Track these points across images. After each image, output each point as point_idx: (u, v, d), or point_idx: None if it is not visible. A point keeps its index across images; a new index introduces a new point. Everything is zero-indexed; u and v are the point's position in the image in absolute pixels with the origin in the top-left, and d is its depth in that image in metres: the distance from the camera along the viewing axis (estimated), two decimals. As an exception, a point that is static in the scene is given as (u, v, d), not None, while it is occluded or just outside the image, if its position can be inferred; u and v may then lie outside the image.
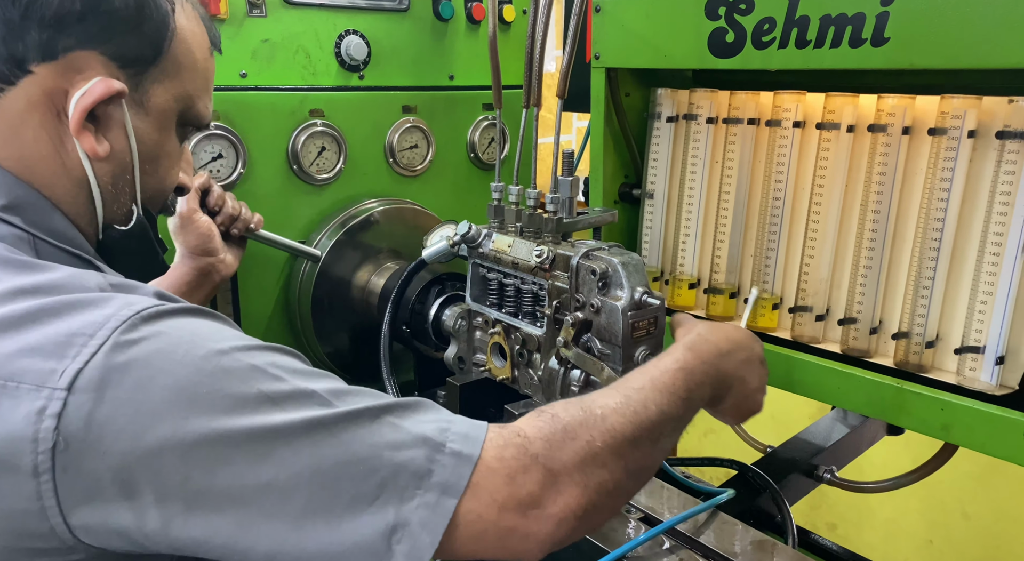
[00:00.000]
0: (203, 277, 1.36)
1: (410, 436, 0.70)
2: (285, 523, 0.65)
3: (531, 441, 0.73)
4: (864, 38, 1.02)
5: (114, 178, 0.83)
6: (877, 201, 1.11)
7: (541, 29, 1.12)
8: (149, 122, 0.83)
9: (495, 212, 1.24)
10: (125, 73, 0.79)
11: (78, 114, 0.76)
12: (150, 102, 0.83)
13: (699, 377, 0.90)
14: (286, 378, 0.70)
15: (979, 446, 1.01)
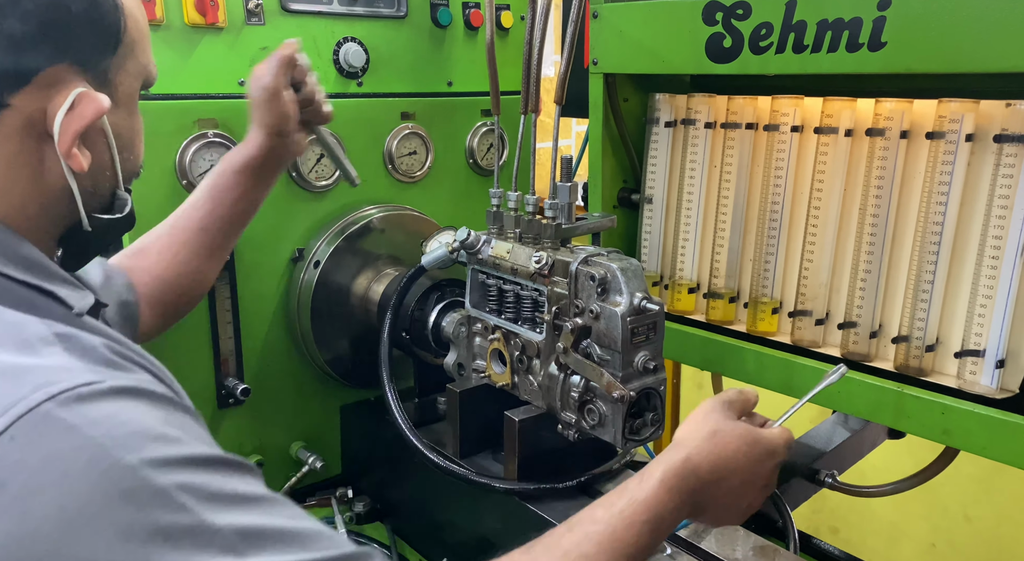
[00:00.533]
0: (274, 156, 1.25)
1: None
2: None
3: None
4: (861, 43, 1.02)
5: (94, 179, 0.79)
6: (876, 205, 1.11)
7: (539, 35, 1.12)
8: (120, 112, 0.79)
9: (494, 218, 1.24)
10: (92, 73, 0.75)
11: (68, 138, 0.72)
12: (118, 91, 0.78)
13: (669, 521, 0.83)
14: (193, 509, 0.60)
15: (980, 450, 1.00)
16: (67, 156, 0.73)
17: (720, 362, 1.29)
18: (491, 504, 1.26)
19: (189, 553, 0.59)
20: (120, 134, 0.80)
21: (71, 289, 0.77)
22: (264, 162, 1.25)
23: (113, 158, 0.80)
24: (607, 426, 1.04)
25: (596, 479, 1.22)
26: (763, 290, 1.25)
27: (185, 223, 1.25)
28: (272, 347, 1.59)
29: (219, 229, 1.26)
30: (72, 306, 0.75)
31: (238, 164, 1.24)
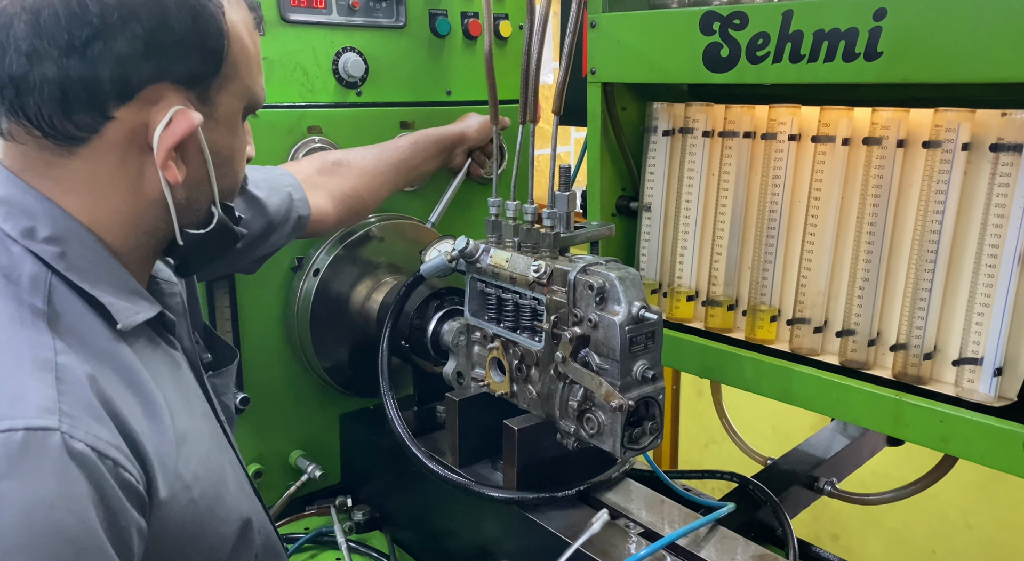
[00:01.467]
0: (453, 147, 1.64)
1: None
2: None
3: None
4: (857, 53, 1.02)
5: (189, 192, 0.83)
6: (873, 213, 1.11)
7: (537, 45, 1.13)
8: (220, 131, 0.83)
9: (493, 227, 1.24)
10: (194, 92, 0.79)
11: (163, 151, 0.77)
12: (219, 111, 0.82)
13: None
14: None
15: (978, 458, 1.00)
16: (163, 167, 0.78)
17: (719, 370, 1.30)
18: (490, 513, 1.26)
19: None
20: (218, 152, 0.84)
21: (130, 302, 0.82)
22: (448, 146, 1.61)
23: (209, 174, 0.84)
24: (606, 435, 1.04)
25: (595, 488, 1.22)
26: (761, 298, 1.25)
27: (389, 157, 1.52)
28: (271, 356, 1.59)
29: (406, 174, 1.56)
30: (117, 320, 0.78)
31: (435, 136, 1.59)
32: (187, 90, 0.79)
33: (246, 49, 0.84)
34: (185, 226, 0.86)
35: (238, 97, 0.84)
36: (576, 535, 1.11)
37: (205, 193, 0.85)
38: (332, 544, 1.49)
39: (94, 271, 0.79)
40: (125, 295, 0.82)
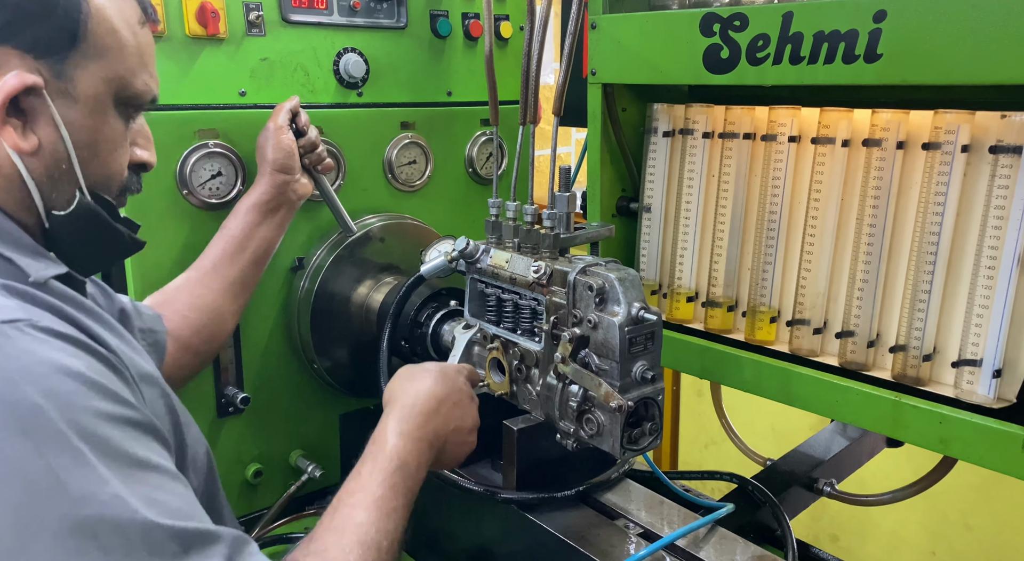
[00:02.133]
0: (280, 195, 1.40)
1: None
2: None
3: None
4: (857, 54, 1.03)
5: (48, 169, 0.82)
6: (873, 215, 1.12)
7: (537, 47, 1.13)
8: (79, 109, 0.82)
9: (493, 228, 1.24)
10: (44, 63, 0.79)
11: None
12: (77, 89, 0.81)
13: (415, 463, 0.93)
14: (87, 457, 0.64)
15: (977, 459, 1.01)
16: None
17: (718, 371, 1.30)
18: (490, 513, 1.26)
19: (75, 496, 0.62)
20: (76, 130, 0.82)
21: (35, 260, 0.81)
22: (271, 200, 1.39)
23: (68, 152, 0.82)
24: (605, 436, 1.04)
25: (595, 488, 1.22)
26: (761, 299, 1.26)
27: (204, 264, 1.35)
28: (272, 356, 1.60)
29: (234, 269, 1.36)
30: (28, 274, 0.79)
31: (248, 203, 1.38)
32: (36, 60, 0.78)
33: (118, 37, 0.84)
34: (51, 207, 0.85)
35: (103, 81, 0.83)
36: (575, 536, 1.11)
37: (69, 175, 0.84)
38: (332, 544, 1.49)
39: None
40: (29, 253, 0.82)
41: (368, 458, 0.92)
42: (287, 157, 1.38)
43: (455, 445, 1.05)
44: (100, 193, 0.89)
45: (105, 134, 0.86)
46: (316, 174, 1.48)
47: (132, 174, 0.94)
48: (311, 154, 1.44)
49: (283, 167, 1.38)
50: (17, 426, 0.63)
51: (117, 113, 0.87)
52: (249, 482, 1.58)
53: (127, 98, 0.87)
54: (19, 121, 0.79)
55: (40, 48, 0.78)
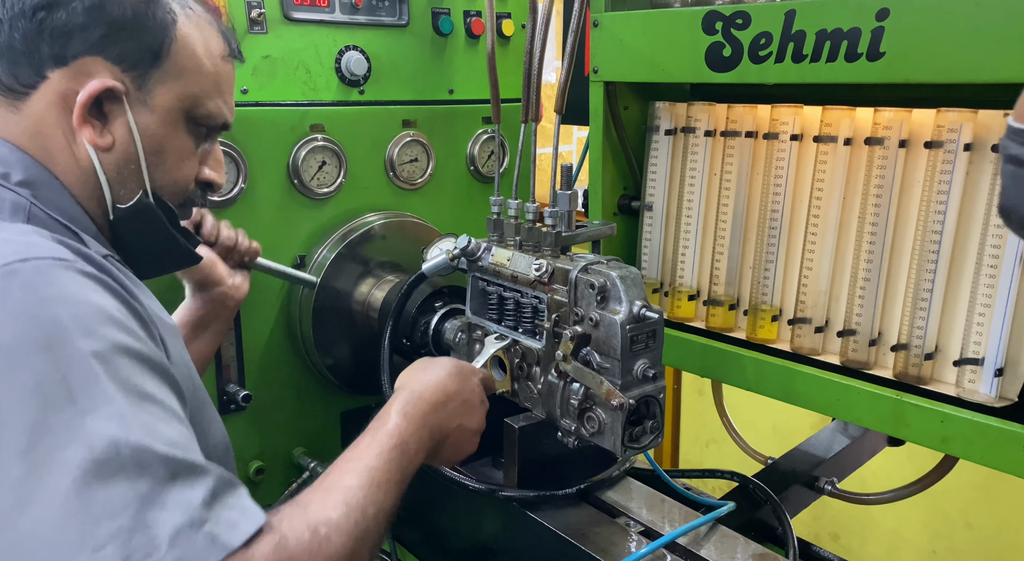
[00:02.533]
0: (216, 308, 1.35)
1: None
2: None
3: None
4: (860, 53, 1.03)
5: (119, 166, 0.92)
6: (875, 213, 1.11)
7: (539, 45, 1.13)
8: (153, 118, 0.92)
9: (494, 226, 1.24)
10: (129, 75, 0.90)
11: (79, 108, 0.87)
12: (154, 101, 0.92)
13: (414, 446, 0.94)
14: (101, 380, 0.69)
15: (978, 458, 1.01)
16: (79, 124, 0.87)
17: (720, 369, 1.30)
18: (491, 511, 1.26)
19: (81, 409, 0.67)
20: (148, 136, 0.93)
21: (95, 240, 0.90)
22: (204, 317, 1.34)
23: (138, 154, 0.92)
24: (606, 434, 1.04)
25: (596, 486, 1.22)
26: (763, 297, 1.25)
27: None
28: (273, 353, 1.60)
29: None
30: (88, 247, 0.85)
31: (177, 321, 1.31)
32: (122, 72, 0.89)
33: (199, 63, 0.95)
34: (117, 202, 0.94)
35: (178, 97, 0.94)
36: (576, 534, 1.11)
37: (136, 175, 0.93)
38: (333, 541, 1.49)
39: (64, 211, 0.89)
40: (92, 235, 0.91)
41: (368, 432, 0.93)
42: (207, 273, 1.32)
43: (456, 443, 1.05)
44: (163, 198, 0.97)
45: (174, 145, 0.96)
46: (252, 265, 1.42)
47: (198, 189, 1.03)
48: (234, 254, 1.37)
49: (209, 282, 1.33)
50: (43, 340, 0.69)
51: (187, 130, 0.97)
52: (251, 479, 1.58)
53: (198, 117, 0.97)
54: (99, 122, 0.89)
55: (127, 62, 0.89)
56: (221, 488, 0.70)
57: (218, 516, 0.68)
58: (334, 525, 0.76)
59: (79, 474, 0.65)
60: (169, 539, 0.64)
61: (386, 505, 0.84)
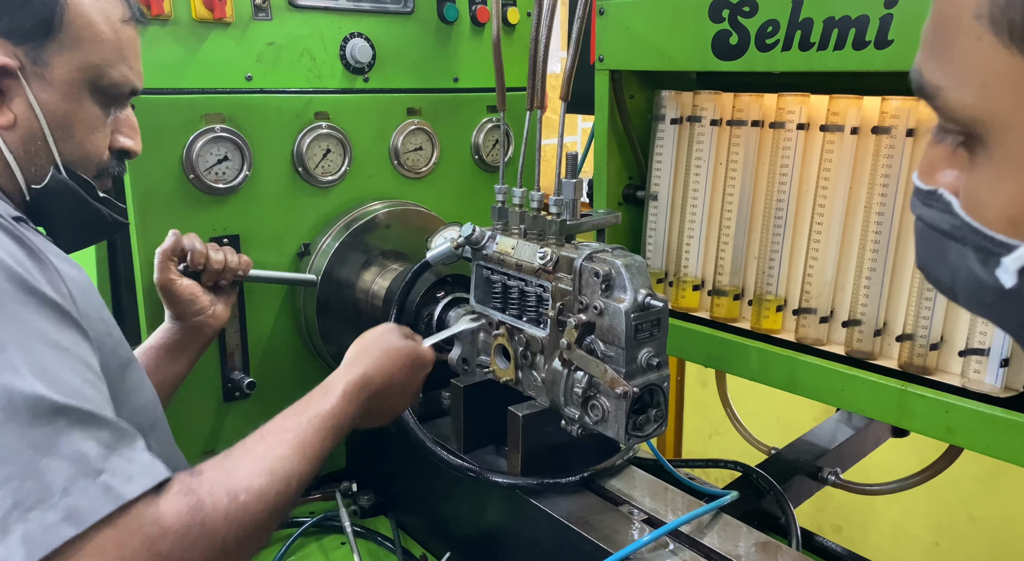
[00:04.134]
0: (193, 334, 1.33)
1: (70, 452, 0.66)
2: None
3: (164, 535, 0.68)
4: (868, 40, 1.02)
5: (25, 144, 0.91)
6: (881, 203, 1.11)
7: (544, 32, 1.12)
8: (54, 93, 0.91)
9: (499, 214, 1.24)
10: (22, 49, 0.88)
11: None
12: (52, 74, 0.91)
13: (347, 426, 0.97)
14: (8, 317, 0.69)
15: (983, 448, 1.00)
16: None
17: (724, 359, 1.30)
18: (494, 499, 1.26)
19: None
20: (53, 112, 0.92)
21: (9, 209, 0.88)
22: (177, 341, 1.32)
23: (43, 130, 0.91)
24: (610, 422, 1.04)
25: (599, 475, 1.22)
26: (767, 287, 1.25)
27: None
28: (278, 341, 1.60)
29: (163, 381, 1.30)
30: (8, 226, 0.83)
31: (154, 343, 1.31)
32: (14, 46, 0.88)
33: (96, 31, 0.93)
34: (31, 182, 0.94)
35: (79, 69, 0.92)
36: (579, 521, 1.11)
37: (44, 151, 0.93)
38: (337, 529, 1.50)
39: None
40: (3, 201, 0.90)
41: (311, 404, 0.94)
42: (189, 305, 1.30)
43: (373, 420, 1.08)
44: (77, 171, 0.97)
45: (80, 117, 0.94)
46: (246, 279, 1.41)
47: (113, 158, 1.01)
48: (225, 274, 1.35)
49: (190, 314, 1.31)
50: None
51: (94, 100, 0.95)
52: (254, 467, 1.59)
53: (103, 87, 0.95)
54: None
55: (17, 35, 0.88)
56: (119, 440, 0.70)
57: (115, 467, 0.67)
58: (256, 493, 0.76)
59: None
60: (62, 487, 0.64)
61: (308, 477, 0.86)
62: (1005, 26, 0.43)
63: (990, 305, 0.50)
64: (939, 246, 0.53)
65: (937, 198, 0.52)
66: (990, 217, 0.48)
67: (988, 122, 0.46)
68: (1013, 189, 0.46)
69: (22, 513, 0.62)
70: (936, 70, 0.50)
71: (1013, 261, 0.46)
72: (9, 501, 0.63)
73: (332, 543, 1.50)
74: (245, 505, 0.74)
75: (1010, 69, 0.44)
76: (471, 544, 1.36)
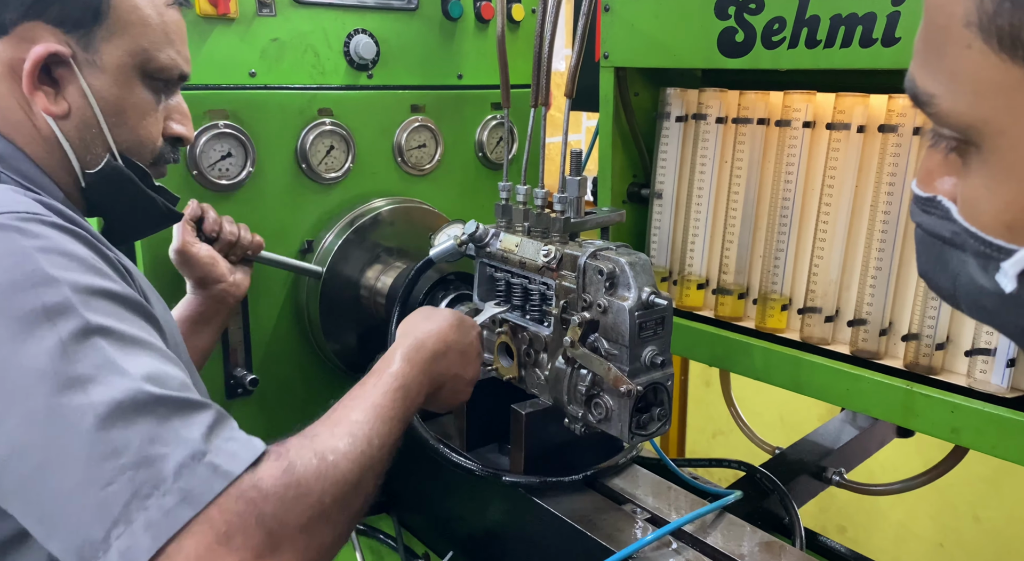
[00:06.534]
0: (216, 304, 1.35)
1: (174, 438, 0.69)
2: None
3: (265, 498, 0.70)
4: (875, 38, 1.01)
5: (80, 132, 0.92)
6: (887, 202, 1.10)
7: (550, 28, 1.12)
8: (106, 79, 0.92)
9: (503, 211, 1.23)
10: (72, 37, 0.89)
11: (27, 77, 0.87)
12: (102, 60, 0.91)
13: (416, 390, 0.96)
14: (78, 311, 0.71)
15: (989, 449, 1.00)
16: (30, 93, 0.88)
17: (728, 358, 1.29)
18: (497, 497, 1.26)
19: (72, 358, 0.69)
20: (105, 99, 0.93)
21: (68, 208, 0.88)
22: (204, 312, 1.35)
23: (97, 117, 0.92)
24: (614, 420, 1.04)
25: (602, 473, 1.22)
26: (772, 286, 1.25)
27: None
28: (281, 338, 1.60)
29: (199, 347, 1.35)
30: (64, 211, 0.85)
31: (178, 316, 1.33)
32: (65, 34, 0.88)
33: (143, 15, 0.94)
34: (86, 168, 0.94)
35: (128, 53, 0.93)
36: (582, 520, 1.11)
37: (99, 138, 0.93)
38: (339, 526, 1.49)
39: (33, 181, 0.89)
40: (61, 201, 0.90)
41: (373, 374, 0.95)
42: (209, 270, 1.33)
43: (452, 390, 1.08)
44: (132, 159, 0.97)
45: (132, 102, 0.95)
46: (256, 259, 1.43)
47: (167, 145, 1.02)
48: (236, 249, 1.37)
49: (210, 280, 1.33)
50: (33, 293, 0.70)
51: (144, 85, 0.96)
52: (257, 464, 1.59)
53: (152, 71, 0.96)
54: (51, 89, 0.89)
55: (68, 23, 0.88)
56: (217, 422, 0.73)
57: (218, 448, 0.70)
58: (341, 453, 0.78)
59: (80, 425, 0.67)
60: (173, 472, 0.67)
61: (389, 439, 0.86)
62: (994, 33, 0.44)
63: (992, 311, 0.50)
64: (939, 253, 0.53)
65: (936, 205, 0.52)
66: (988, 222, 0.48)
67: (982, 128, 0.47)
68: (1009, 194, 0.46)
69: (141, 501, 0.65)
70: (929, 78, 0.50)
71: (1012, 265, 0.46)
72: (128, 492, 0.66)
73: (334, 540, 1.50)
74: (334, 464, 0.77)
75: (1001, 76, 0.44)
76: (473, 542, 1.36)
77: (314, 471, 0.75)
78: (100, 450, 0.66)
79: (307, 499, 0.73)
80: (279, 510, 0.70)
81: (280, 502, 0.71)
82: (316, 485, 0.74)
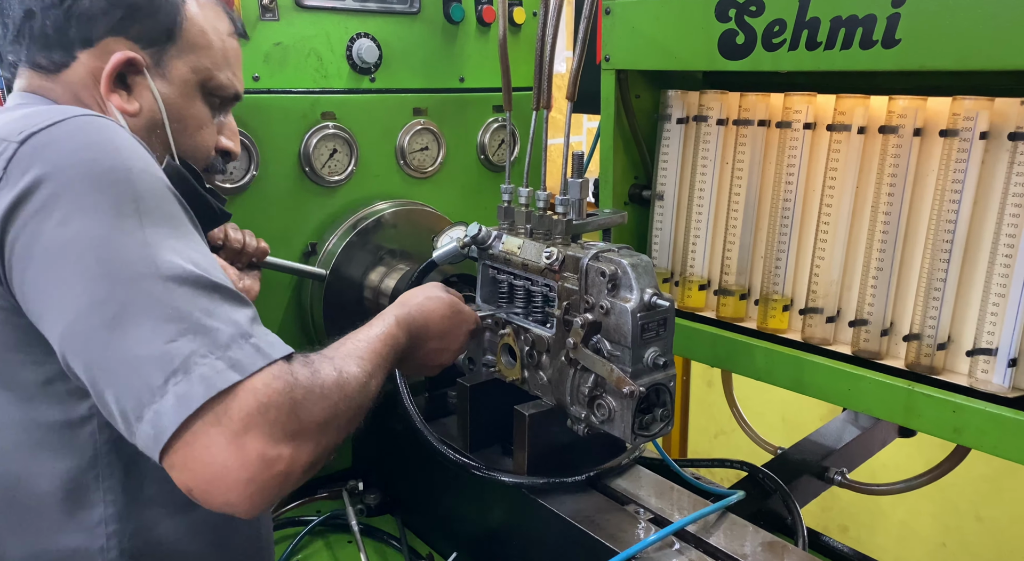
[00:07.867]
0: None
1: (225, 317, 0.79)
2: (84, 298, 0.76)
3: (297, 385, 0.79)
4: (875, 40, 1.02)
5: (147, 131, 1.03)
6: (888, 202, 1.11)
7: (551, 32, 1.13)
8: (172, 89, 1.04)
9: (505, 214, 1.24)
10: (148, 51, 1.01)
11: (105, 78, 0.98)
12: (171, 73, 1.04)
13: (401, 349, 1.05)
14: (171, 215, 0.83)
15: (991, 448, 1.00)
16: (107, 93, 0.99)
17: (730, 359, 1.30)
18: (500, 498, 1.26)
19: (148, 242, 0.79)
20: (169, 104, 1.04)
21: None
22: None
23: (163, 120, 1.03)
24: (616, 421, 1.05)
25: (605, 474, 1.22)
26: (774, 287, 1.25)
27: None
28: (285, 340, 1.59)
29: None
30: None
31: None
32: (141, 49, 1.00)
33: (208, 40, 1.07)
34: None
35: (192, 70, 1.05)
36: (585, 520, 1.12)
37: (162, 140, 1.04)
38: (344, 527, 1.50)
39: None
40: None
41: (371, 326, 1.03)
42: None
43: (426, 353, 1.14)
44: (190, 162, 1.08)
45: (192, 113, 1.07)
46: (262, 264, 1.45)
47: (217, 157, 1.15)
48: (242, 256, 1.40)
49: None
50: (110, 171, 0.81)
51: (203, 100, 1.08)
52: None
53: (212, 88, 1.08)
54: (125, 92, 1.01)
55: (144, 40, 1.01)
56: (257, 318, 0.83)
57: (260, 335, 0.81)
58: (353, 374, 0.89)
59: (153, 289, 0.77)
60: (225, 344, 0.77)
61: (379, 383, 0.95)
62: None
63: None
64: None
65: None
66: None
67: None
68: None
69: (199, 358, 0.75)
70: None
71: None
72: (187, 349, 0.75)
73: (339, 542, 1.50)
74: (349, 379, 0.87)
75: None
76: (477, 543, 1.37)
77: (334, 380, 0.84)
78: (167, 313, 0.76)
79: (327, 400, 0.82)
80: (307, 400, 0.79)
81: (308, 394, 0.80)
82: (335, 392, 0.83)
